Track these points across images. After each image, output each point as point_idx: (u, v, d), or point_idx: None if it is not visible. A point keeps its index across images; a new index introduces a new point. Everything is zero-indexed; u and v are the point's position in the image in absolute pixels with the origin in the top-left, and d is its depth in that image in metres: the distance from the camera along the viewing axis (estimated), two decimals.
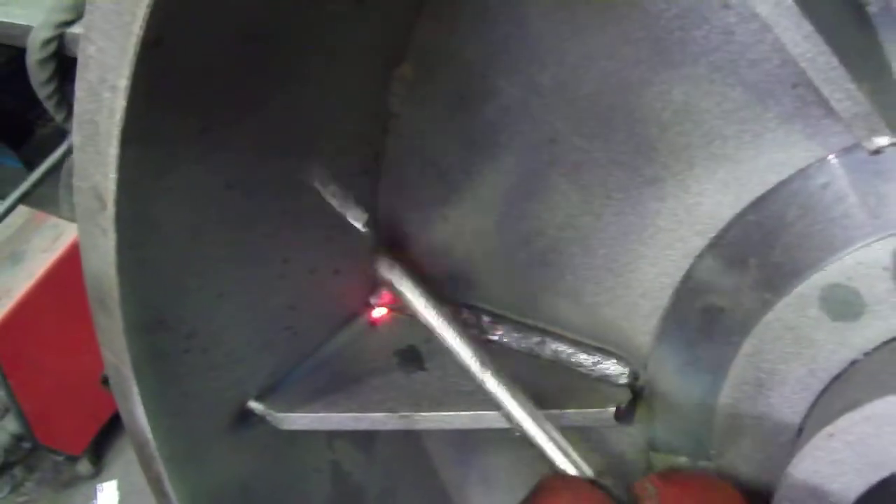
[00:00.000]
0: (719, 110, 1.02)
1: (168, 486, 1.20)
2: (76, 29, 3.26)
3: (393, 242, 1.33)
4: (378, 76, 1.18)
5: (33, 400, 3.16)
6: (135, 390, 1.11)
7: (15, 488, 3.47)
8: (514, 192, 1.20)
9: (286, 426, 1.25)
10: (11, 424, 3.20)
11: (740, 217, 1.07)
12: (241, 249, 1.15)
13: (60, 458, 3.39)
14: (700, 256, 1.11)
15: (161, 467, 1.18)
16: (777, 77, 0.97)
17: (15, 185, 3.34)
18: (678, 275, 1.13)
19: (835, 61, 0.79)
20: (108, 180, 0.93)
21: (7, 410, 3.21)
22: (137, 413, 1.13)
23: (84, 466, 3.39)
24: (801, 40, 0.78)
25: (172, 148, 0.96)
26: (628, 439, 1.30)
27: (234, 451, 1.27)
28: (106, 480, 3.39)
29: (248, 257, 1.16)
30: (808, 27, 0.77)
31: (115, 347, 1.09)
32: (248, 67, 0.97)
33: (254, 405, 1.26)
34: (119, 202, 0.94)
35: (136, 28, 0.80)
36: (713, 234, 1.09)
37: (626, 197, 1.12)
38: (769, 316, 1.07)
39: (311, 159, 1.16)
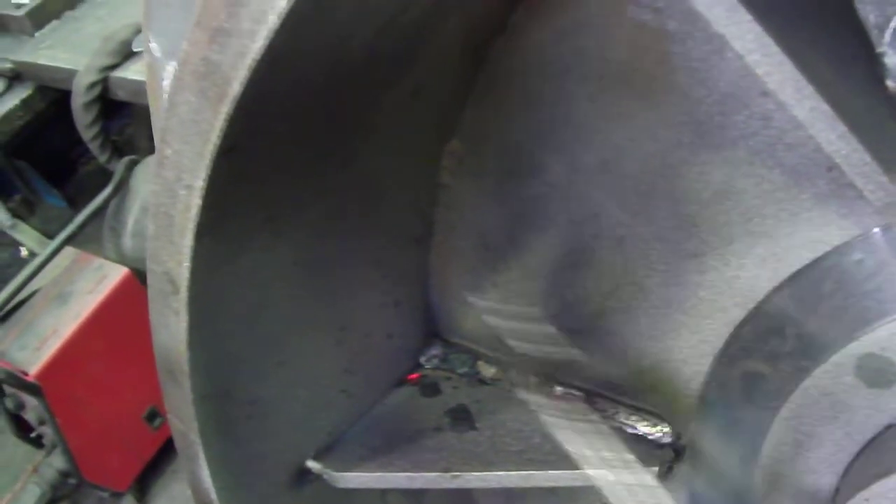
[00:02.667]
0: (758, 190, 1.07)
1: None
2: (119, 73, 3.37)
3: (445, 305, 1.39)
4: (430, 152, 1.24)
5: (79, 437, 3.23)
6: (201, 455, 1.17)
7: None
8: (559, 262, 1.26)
9: (342, 485, 1.31)
10: (58, 461, 3.27)
11: (778, 290, 1.12)
12: (302, 320, 1.21)
13: (106, 495, 3.45)
14: (739, 325, 1.16)
15: None
16: (813, 160, 1.02)
17: (59, 223, 3.44)
18: (718, 342, 1.18)
19: (867, 157, 0.85)
20: (181, 268, 0.99)
21: (54, 447, 3.28)
22: (202, 476, 1.19)
23: (129, 503, 3.46)
24: (835, 139, 0.84)
25: (241, 237, 1.02)
26: (672, 496, 1.34)
27: None
28: None
29: (307, 327, 1.23)
30: (841, 128, 0.83)
31: (183, 415, 1.15)
32: (312, 160, 1.03)
33: (312, 464, 1.32)
34: (191, 287, 1.01)
35: (213, 137, 0.86)
36: (752, 306, 1.14)
37: (668, 269, 1.17)
38: (807, 382, 1.12)
39: (369, 232, 1.23)
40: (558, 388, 1.36)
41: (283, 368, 1.22)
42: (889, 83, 0.96)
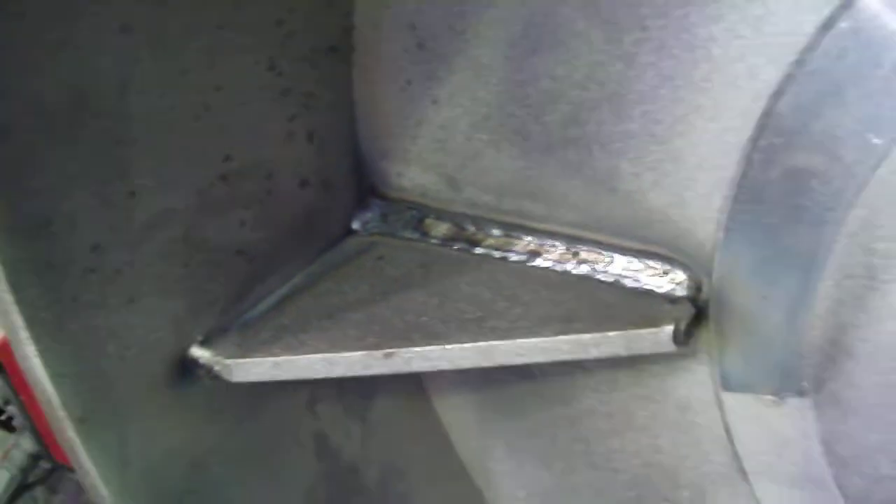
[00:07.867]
0: None
1: (85, 459, 0.90)
2: None
3: (377, 145, 1.04)
4: None
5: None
6: (18, 322, 0.82)
7: None
8: (517, 47, 0.90)
9: (239, 377, 0.95)
10: (26, 442, 2.96)
11: (826, 28, 0.75)
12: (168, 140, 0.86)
13: None
14: (776, 94, 0.78)
15: (72, 432, 0.89)
16: None
17: None
18: (748, 128, 0.81)
19: None
20: None
21: (25, 430, 2.99)
22: (28, 353, 0.84)
23: None
24: None
25: None
26: (690, 377, 0.98)
27: (176, 416, 0.97)
28: None
29: (176, 146, 0.87)
30: None
31: None
32: None
33: (197, 352, 0.96)
34: None
35: None
36: (794, 58, 0.77)
37: (666, 24, 0.81)
38: (882, 170, 0.75)
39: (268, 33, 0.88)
40: (528, 239, 0.99)
41: (136, 199, 0.86)
42: None
